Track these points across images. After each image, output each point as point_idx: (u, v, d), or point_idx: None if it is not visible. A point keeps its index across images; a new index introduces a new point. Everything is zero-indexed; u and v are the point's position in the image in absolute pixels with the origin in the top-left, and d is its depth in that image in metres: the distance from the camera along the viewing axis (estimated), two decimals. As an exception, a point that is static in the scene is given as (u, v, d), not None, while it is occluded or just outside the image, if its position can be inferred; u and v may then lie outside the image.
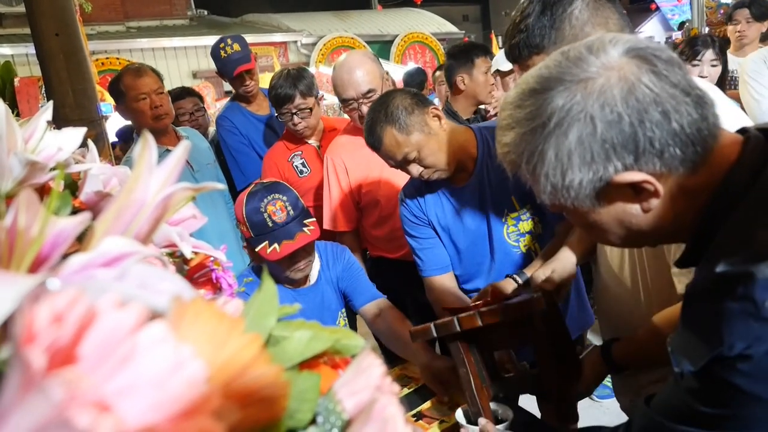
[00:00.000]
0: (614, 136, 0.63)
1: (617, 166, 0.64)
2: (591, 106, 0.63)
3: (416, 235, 1.64)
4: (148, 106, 2.12)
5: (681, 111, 0.63)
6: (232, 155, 2.53)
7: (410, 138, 1.40)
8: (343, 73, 1.91)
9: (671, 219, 0.68)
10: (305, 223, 1.54)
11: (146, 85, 2.13)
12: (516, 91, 0.71)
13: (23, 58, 8.13)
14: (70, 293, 0.18)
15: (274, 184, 1.59)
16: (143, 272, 0.30)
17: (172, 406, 0.20)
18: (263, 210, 1.50)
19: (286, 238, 1.49)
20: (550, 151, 0.66)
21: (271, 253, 1.49)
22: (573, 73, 0.65)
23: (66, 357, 0.18)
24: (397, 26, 12.28)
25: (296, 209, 1.54)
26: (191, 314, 0.23)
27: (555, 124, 0.65)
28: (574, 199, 0.68)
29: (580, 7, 1.03)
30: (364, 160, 1.95)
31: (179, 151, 0.38)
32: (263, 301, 0.35)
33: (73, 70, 2.39)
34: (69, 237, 0.31)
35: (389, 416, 0.28)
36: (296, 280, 1.63)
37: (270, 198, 1.51)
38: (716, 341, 0.58)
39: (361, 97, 1.89)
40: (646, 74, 0.63)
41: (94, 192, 0.57)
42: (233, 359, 0.22)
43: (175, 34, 10.66)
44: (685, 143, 0.63)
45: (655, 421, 0.69)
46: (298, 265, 1.58)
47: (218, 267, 0.67)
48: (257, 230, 1.51)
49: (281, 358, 0.35)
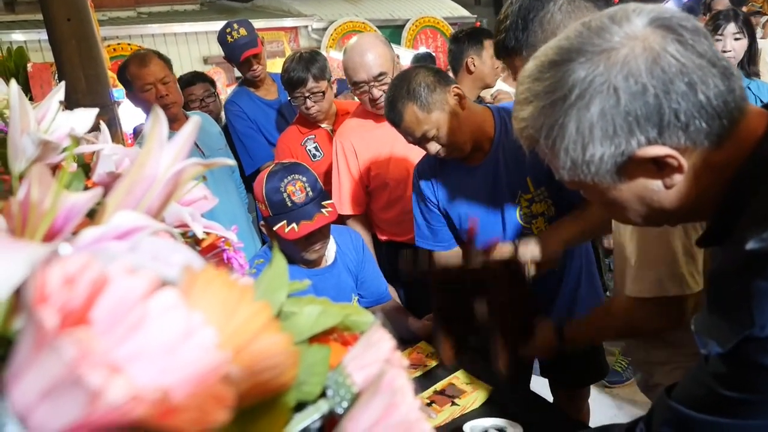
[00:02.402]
0: (638, 108, 0.61)
1: (640, 139, 0.62)
2: (614, 77, 0.61)
3: (425, 214, 1.65)
4: (153, 96, 2.11)
5: (708, 82, 0.60)
6: (240, 139, 2.54)
7: (431, 116, 1.40)
8: (355, 56, 1.90)
9: (694, 196, 0.66)
10: (323, 204, 1.55)
11: (151, 75, 2.12)
12: (534, 64, 0.69)
13: (36, 44, 8.17)
14: (82, 257, 0.19)
15: (294, 164, 1.61)
16: (155, 245, 0.30)
17: (183, 371, 0.20)
18: (283, 190, 1.52)
19: (305, 218, 1.51)
20: (570, 124, 0.64)
21: (289, 233, 1.50)
22: (595, 44, 0.63)
23: (78, 321, 0.18)
24: (408, 10, 12.16)
25: (315, 190, 1.55)
26: (202, 282, 0.23)
27: (576, 96, 0.63)
28: (594, 175, 0.66)
29: (552, 10, 1.03)
30: (373, 142, 1.95)
31: (189, 127, 0.38)
32: (274, 276, 0.36)
33: (85, 55, 2.40)
34: (81, 211, 0.32)
35: (398, 388, 0.28)
36: (311, 261, 1.65)
37: (290, 178, 1.53)
38: (746, 321, 0.56)
39: (372, 80, 1.88)
40: (672, 44, 0.61)
41: (106, 173, 0.58)
42: (243, 327, 0.23)
43: (185, 19, 10.64)
44: (711, 116, 0.61)
45: (677, 412, 0.67)
46: (314, 246, 1.60)
47: (229, 247, 0.67)
48: (276, 209, 1.52)
49: (291, 332, 0.35)
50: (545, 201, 1.53)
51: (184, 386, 0.20)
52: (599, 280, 1.75)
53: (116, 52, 8.44)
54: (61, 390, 0.16)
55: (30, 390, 0.17)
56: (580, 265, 1.67)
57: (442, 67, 2.13)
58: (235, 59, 2.53)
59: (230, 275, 0.24)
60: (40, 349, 0.16)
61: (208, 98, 2.87)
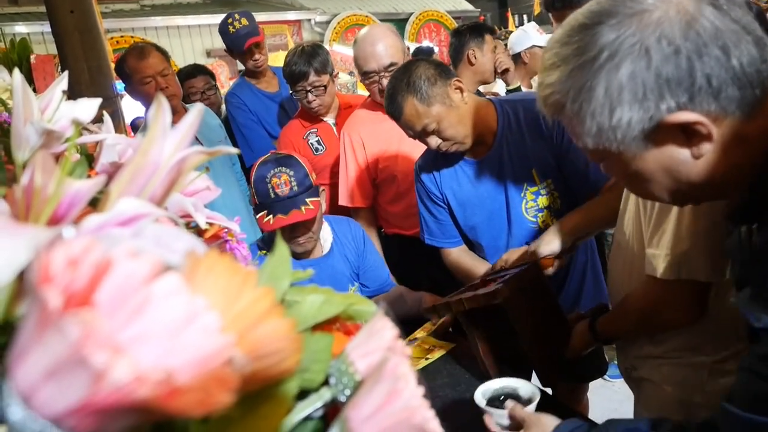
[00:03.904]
0: (670, 71, 0.59)
1: (670, 104, 0.60)
2: (647, 38, 0.59)
3: (431, 209, 1.64)
4: (153, 89, 2.11)
5: (741, 48, 0.59)
6: (240, 131, 2.54)
7: (431, 109, 1.38)
8: (366, 46, 1.90)
9: (723, 169, 0.64)
10: (306, 201, 1.56)
11: (150, 67, 2.12)
12: (563, 30, 0.67)
13: (39, 36, 8.15)
14: (85, 240, 0.19)
15: (286, 157, 1.62)
16: (158, 231, 0.30)
17: (187, 354, 0.20)
18: (268, 180, 1.55)
19: (281, 212, 1.54)
20: (599, 86, 0.62)
21: (265, 224, 1.55)
22: (627, 6, 0.61)
23: (82, 303, 0.18)
24: (412, 4, 12.12)
25: (301, 186, 1.56)
26: (205, 267, 0.23)
27: (606, 57, 0.61)
28: (620, 142, 0.64)
29: None
30: (382, 135, 1.94)
31: (192, 116, 0.38)
32: (277, 264, 0.36)
33: (88, 47, 2.39)
34: (84, 197, 0.32)
35: (401, 374, 0.28)
36: (298, 253, 1.67)
37: (277, 170, 1.56)
38: None
39: (382, 70, 1.88)
40: (707, 8, 0.59)
41: (109, 163, 0.58)
42: (247, 311, 0.23)
43: (188, 12, 10.62)
44: (744, 84, 0.59)
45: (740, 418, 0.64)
46: (298, 240, 1.61)
47: (232, 238, 0.67)
48: (260, 198, 1.57)
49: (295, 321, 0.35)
50: (551, 193, 1.52)
51: (187, 369, 0.20)
52: (603, 275, 1.75)
53: (119, 44, 8.42)
54: (65, 370, 0.16)
55: (34, 370, 0.17)
56: (585, 260, 1.67)
57: (445, 61, 2.12)
58: (238, 48, 2.52)
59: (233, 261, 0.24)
60: (44, 329, 0.17)
61: (208, 91, 2.87)
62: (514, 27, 9.96)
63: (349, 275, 1.78)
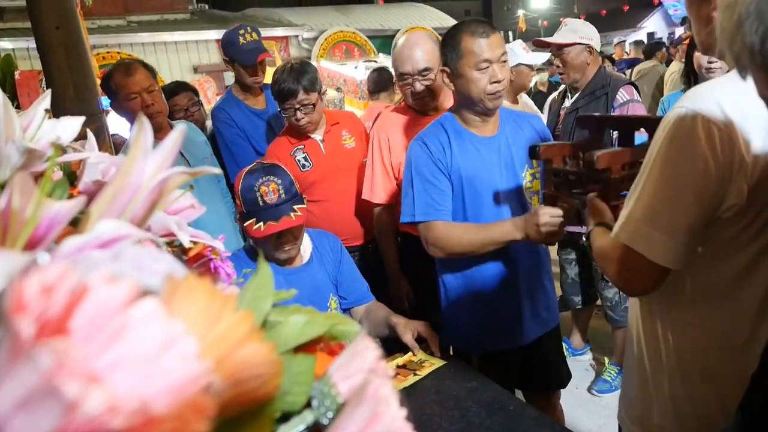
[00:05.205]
0: None
1: None
2: None
3: (429, 178, 1.66)
4: (139, 106, 2.10)
5: None
6: (227, 146, 2.52)
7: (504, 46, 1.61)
8: (405, 49, 2.03)
9: None
10: (294, 208, 1.61)
11: (136, 84, 2.11)
12: None
13: (24, 51, 8.12)
14: (60, 266, 0.18)
15: (272, 166, 1.68)
16: (138, 254, 0.30)
17: (163, 381, 0.20)
18: (257, 189, 1.60)
19: (272, 218, 1.58)
20: None
21: (255, 231, 1.59)
22: None
23: (56, 330, 0.18)
24: (398, 21, 12.24)
25: (289, 193, 1.62)
26: (183, 291, 0.23)
27: None
28: None
29: None
30: (408, 138, 2.00)
31: (175, 135, 0.38)
32: (259, 285, 0.35)
33: (74, 63, 2.39)
34: (63, 219, 0.31)
35: (383, 397, 0.28)
36: (283, 260, 1.71)
37: (265, 179, 1.61)
38: None
39: (416, 74, 1.99)
40: None
41: (92, 181, 0.57)
42: (225, 336, 0.22)
43: (175, 28, 10.64)
44: None
45: None
46: (284, 247, 1.67)
47: (216, 257, 0.67)
48: (248, 207, 1.61)
49: (277, 342, 0.35)
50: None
51: (163, 396, 0.20)
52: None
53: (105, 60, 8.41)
54: (37, 401, 0.16)
55: (5, 402, 0.17)
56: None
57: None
58: (247, 61, 2.49)
59: (213, 284, 0.24)
60: (16, 359, 0.16)
61: (192, 107, 2.86)
62: (500, 44, 10.04)
63: (329, 285, 1.81)
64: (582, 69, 2.60)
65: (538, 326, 1.79)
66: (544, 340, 1.82)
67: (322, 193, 2.17)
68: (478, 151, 1.67)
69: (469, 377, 1.54)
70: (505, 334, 1.75)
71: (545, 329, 1.82)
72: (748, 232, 0.94)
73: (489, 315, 1.73)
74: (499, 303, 1.72)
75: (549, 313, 1.83)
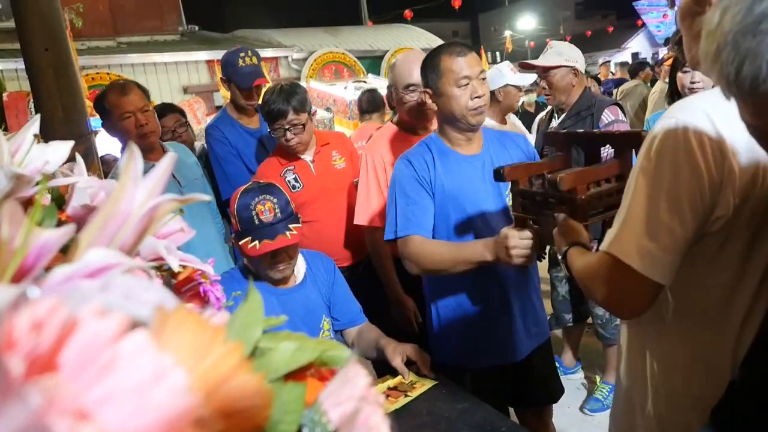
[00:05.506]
0: None
1: None
2: None
3: (411, 195, 1.67)
4: (133, 125, 2.10)
5: None
6: (220, 164, 2.53)
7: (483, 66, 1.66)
8: (409, 63, 2.09)
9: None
10: (290, 227, 1.62)
11: (131, 104, 2.12)
12: None
13: (12, 73, 8.11)
14: (50, 301, 0.18)
15: (269, 185, 1.69)
16: (127, 283, 0.30)
17: (154, 415, 0.20)
18: (252, 208, 1.60)
19: (268, 237, 1.59)
20: None
21: (251, 249, 1.59)
22: None
23: (46, 365, 0.18)
24: (387, 42, 12.38)
25: (284, 212, 1.63)
26: (173, 323, 0.23)
27: None
28: None
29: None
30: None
31: (165, 162, 0.38)
32: (249, 312, 0.35)
33: (63, 85, 2.38)
34: (53, 248, 0.31)
35: (373, 425, 0.28)
36: (277, 280, 1.71)
37: (261, 198, 1.62)
38: None
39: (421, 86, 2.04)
40: None
41: (80, 205, 0.57)
42: (215, 368, 0.22)
43: (165, 49, 10.68)
44: None
45: None
46: (279, 266, 1.67)
47: (206, 280, 0.67)
48: (243, 225, 1.61)
49: (267, 369, 0.35)
50: None
51: (154, 430, 0.20)
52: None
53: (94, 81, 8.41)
54: (26, 439, 0.16)
55: (-6, 439, 0.17)
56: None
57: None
58: (244, 84, 2.52)
59: (203, 315, 0.24)
60: (5, 396, 0.16)
61: (179, 128, 2.87)
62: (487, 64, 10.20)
63: (322, 306, 1.80)
64: (567, 91, 2.64)
65: (531, 340, 1.79)
66: (536, 356, 1.82)
67: (312, 213, 2.17)
68: (462, 169, 1.69)
69: (460, 398, 1.53)
70: (497, 349, 1.75)
71: (538, 342, 1.82)
72: (732, 248, 0.94)
73: (481, 330, 1.73)
74: (490, 318, 1.72)
75: (540, 327, 1.84)
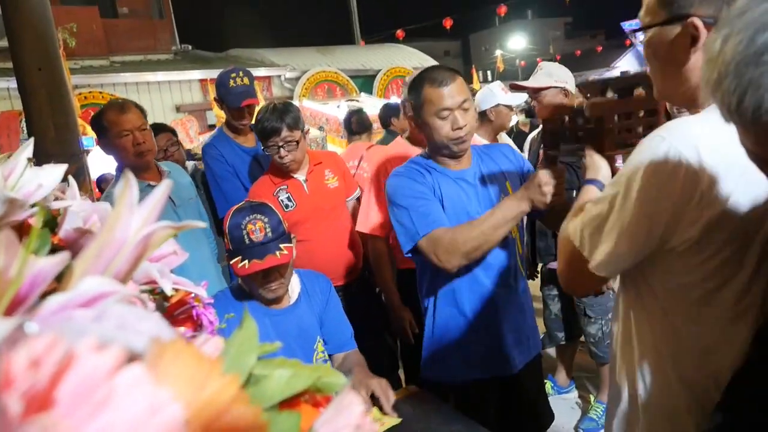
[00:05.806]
0: None
1: None
2: None
3: (418, 196, 1.64)
4: (130, 143, 2.11)
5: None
6: (216, 182, 2.53)
7: (469, 94, 1.64)
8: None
9: None
10: (280, 246, 1.61)
11: (129, 122, 2.12)
12: None
13: (5, 92, 8.10)
14: (48, 337, 0.18)
15: (261, 205, 1.68)
16: (122, 312, 0.29)
17: (149, 449, 0.20)
18: (243, 227, 1.60)
19: (257, 257, 1.58)
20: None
21: (240, 269, 1.58)
22: None
23: (43, 401, 0.18)
24: (379, 61, 12.48)
25: (275, 232, 1.62)
26: (169, 356, 0.23)
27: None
28: None
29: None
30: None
31: (161, 190, 0.38)
32: (244, 339, 0.35)
33: (56, 104, 2.39)
34: (47, 277, 0.31)
35: (369, 455, 0.28)
36: (270, 300, 1.68)
37: (252, 217, 1.61)
38: None
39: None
40: None
41: (73, 229, 0.57)
42: (211, 401, 0.22)
43: (158, 68, 10.72)
44: None
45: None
46: (270, 286, 1.64)
47: (199, 304, 0.66)
48: (234, 244, 1.61)
49: (261, 397, 0.35)
50: None
51: (149, 466, 0.20)
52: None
53: (87, 100, 8.42)
54: (22, 479, 0.16)
55: (-11, 479, 0.16)
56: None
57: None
58: (234, 103, 2.54)
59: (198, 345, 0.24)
60: (2, 436, 0.16)
61: (171, 148, 2.88)
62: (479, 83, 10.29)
63: (316, 327, 1.78)
64: None
65: (522, 355, 1.78)
66: (526, 378, 1.81)
67: (305, 233, 2.17)
68: (454, 182, 1.70)
69: (450, 420, 1.52)
70: (490, 359, 1.74)
71: (529, 357, 1.81)
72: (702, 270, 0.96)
73: (474, 342, 1.72)
74: (484, 330, 1.71)
75: (532, 341, 1.84)
